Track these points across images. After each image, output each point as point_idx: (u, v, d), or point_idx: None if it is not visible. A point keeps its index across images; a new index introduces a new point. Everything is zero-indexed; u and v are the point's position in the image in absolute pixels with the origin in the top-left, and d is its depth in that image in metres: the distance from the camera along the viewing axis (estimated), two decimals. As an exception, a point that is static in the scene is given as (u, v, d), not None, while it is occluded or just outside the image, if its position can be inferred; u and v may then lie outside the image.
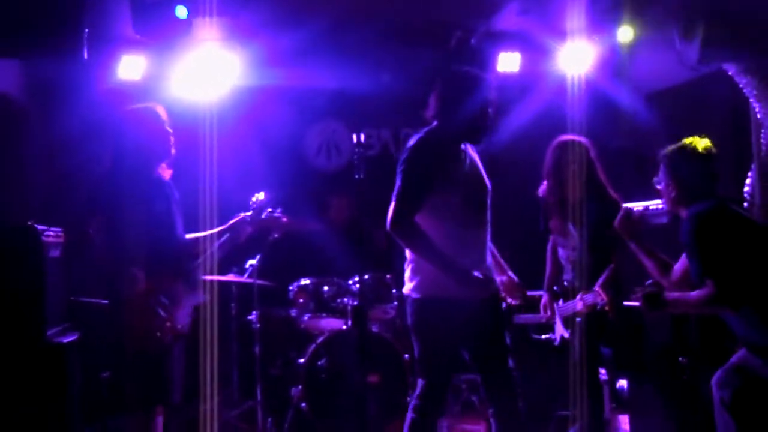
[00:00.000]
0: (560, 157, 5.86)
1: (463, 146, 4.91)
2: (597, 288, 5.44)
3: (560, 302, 5.94)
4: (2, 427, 4.96)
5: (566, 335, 5.82)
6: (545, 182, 5.97)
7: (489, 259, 4.91)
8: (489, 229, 4.92)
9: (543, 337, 6.17)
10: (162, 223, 5.10)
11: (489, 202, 4.92)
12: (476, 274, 4.64)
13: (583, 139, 5.90)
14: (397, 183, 4.72)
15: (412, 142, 4.83)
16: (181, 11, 6.20)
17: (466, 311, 4.64)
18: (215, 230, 5.51)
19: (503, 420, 4.82)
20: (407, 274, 4.86)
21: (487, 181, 4.95)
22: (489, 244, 4.93)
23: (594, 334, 5.65)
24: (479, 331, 4.76)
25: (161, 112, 5.23)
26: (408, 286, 4.84)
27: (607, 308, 5.45)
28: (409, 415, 4.84)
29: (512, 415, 4.80)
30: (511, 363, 4.83)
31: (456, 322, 4.66)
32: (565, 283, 5.91)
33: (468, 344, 4.82)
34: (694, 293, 4.44)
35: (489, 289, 4.77)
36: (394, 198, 4.70)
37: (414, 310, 4.80)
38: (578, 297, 5.62)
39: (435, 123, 4.93)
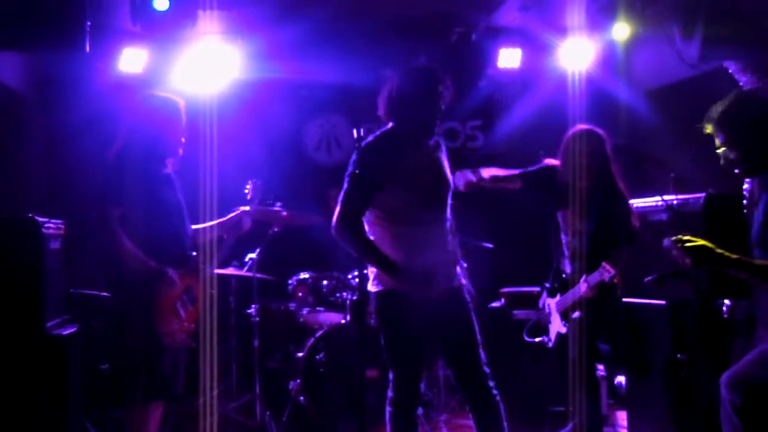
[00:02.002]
0: (574, 145, 5.87)
1: (431, 141, 4.92)
2: (604, 263, 5.42)
3: (558, 297, 5.95)
4: (2, 419, 4.96)
5: (563, 331, 5.82)
6: (560, 165, 5.96)
7: (448, 255, 4.88)
8: (448, 225, 4.89)
9: (537, 339, 6.17)
10: (173, 214, 5.11)
11: (449, 197, 4.91)
12: (415, 273, 4.68)
13: (599, 131, 5.90)
14: (344, 184, 4.76)
15: (366, 141, 4.83)
16: (160, 3, 6.17)
17: (422, 305, 4.68)
18: (215, 222, 5.54)
19: (479, 417, 4.84)
20: (370, 271, 4.91)
21: (449, 176, 4.93)
22: (449, 239, 4.91)
23: (593, 328, 5.67)
24: (441, 325, 4.79)
25: (181, 106, 5.24)
26: (370, 282, 4.89)
27: (616, 281, 5.43)
28: (387, 408, 4.91)
29: (488, 411, 4.81)
30: (483, 358, 4.83)
31: (414, 315, 4.69)
32: (564, 276, 5.92)
33: (434, 338, 4.86)
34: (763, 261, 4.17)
35: (432, 290, 4.73)
36: (339, 199, 4.75)
37: (375, 304, 4.87)
38: (582, 280, 5.60)
39: (391, 123, 4.92)
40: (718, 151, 4.36)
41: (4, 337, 5.03)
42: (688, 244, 4.05)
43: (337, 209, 4.75)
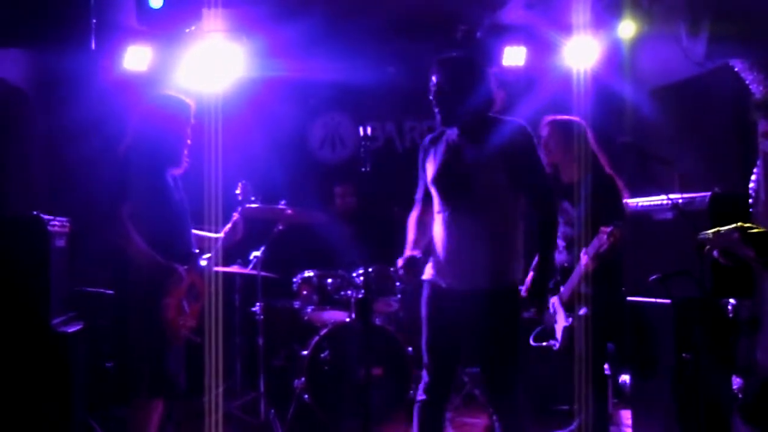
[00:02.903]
0: (554, 136, 5.92)
1: (459, 132, 4.87)
2: (600, 228, 5.44)
3: (561, 289, 5.94)
4: (7, 416, 4.97)
5: (568, 323, 5.81)
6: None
7: (461, 253, 4.75)
8: (469, 220, 4.74)
9: (543, 344, 6.17)
10: (177, 212, 5.12)
11: (471, 185, 4.73)
12: (401, 263, 4.80)
13: (575, 118, 5.95)
14: None
15: None
16: (155, 1, 6.16)
17: (436, 295, 4.80)
18: (216, 235, 5.57)
19: (498, 418, 4.79)
20: None
21: (471, 164, 4.76)
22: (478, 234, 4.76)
23: (599, 325, 5.66)
24: (459, 323, 4.76)
25: (191, 107, 5.25)
26: None
27: (614, 239, 5.40)
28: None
29: (505, 411, 4.76)
30: (499, 369, 4.73)
31: (428, 303, 4.84)
32: (566, 264, 5.92)
33: (455, 334, 4.82)
34: None
35: (412, 281, 4.87)
36: None
37: None
38: (582, 253, 5.62)
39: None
40: (761, 137, 4.29)
41: (9, 335, 5.05)
42: (751, 232, 3.78)
43: None
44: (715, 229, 3.93)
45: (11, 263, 5.13)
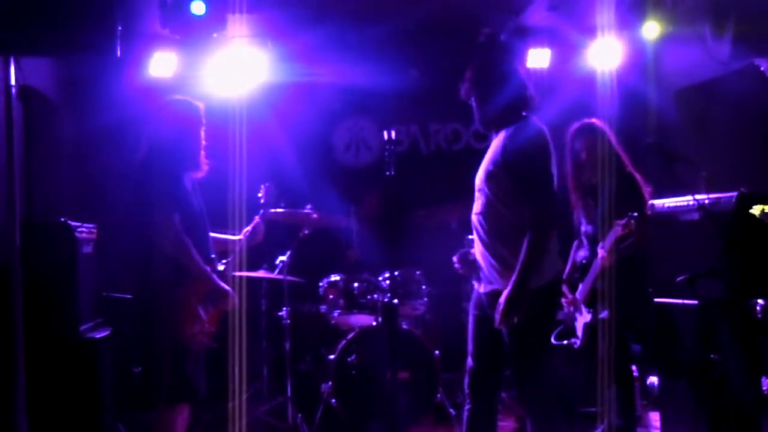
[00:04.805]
0: (579, 141, 5.95)
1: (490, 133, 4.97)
2: (615, 222, 5.52)
3: (579, 286, 5.94)
4: (36, 422, 5.01)
5: (588, 319, 5.81)
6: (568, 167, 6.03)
7: (479, 248, 4.83)
8: (477, 217, 4.81)
9: (565, 342, 6.16)
10: (197, 218, 5.14)
11: (482, 189, 4.77)
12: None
13: (598, 121, 5.97)
14: None
15: None
16: (197, 8, 6.20)
17: (475, 296, 4.94)
18: (237, 238, 5.58)
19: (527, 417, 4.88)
20: None
21: (484, 167, 4.79)
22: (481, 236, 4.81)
23: (622, 324, 5.66)
24: (476, 324, 4.91)
25: (201, 109, 5.27)
26: None
27: (628, 230, 5.43)
28: None
29: (524, 407, 4.90)
30: (512, 356, 4.76)
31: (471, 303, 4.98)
32: (584, 261, 5.92)
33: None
34: None
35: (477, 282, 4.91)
36: None
37: None
38: (599, 248, 5.68)
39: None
40: None
41: (39, 341, 5.08)
42: None
43: None
44: None
45: (40, 269, 5.17)
